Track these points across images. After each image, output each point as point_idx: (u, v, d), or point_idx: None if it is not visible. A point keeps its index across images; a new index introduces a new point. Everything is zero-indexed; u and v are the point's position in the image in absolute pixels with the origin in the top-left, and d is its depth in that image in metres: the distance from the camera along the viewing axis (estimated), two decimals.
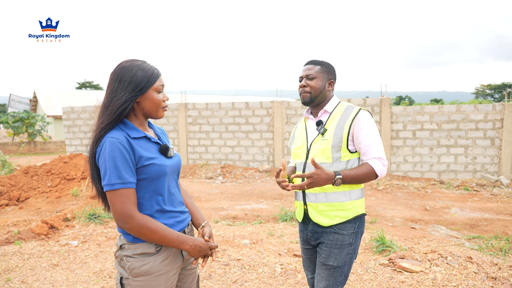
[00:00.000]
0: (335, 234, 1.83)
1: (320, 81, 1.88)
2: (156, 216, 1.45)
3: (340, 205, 1.82)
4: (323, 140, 1.83)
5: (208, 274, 3.26)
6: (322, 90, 1.88)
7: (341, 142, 1.79)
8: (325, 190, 1.82)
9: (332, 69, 1.93)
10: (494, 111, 8.23)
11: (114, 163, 1.34)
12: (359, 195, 1.87)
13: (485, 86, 40.18)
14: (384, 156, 1.80)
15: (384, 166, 1.79)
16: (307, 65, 1.94)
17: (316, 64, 1.91)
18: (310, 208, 1.88)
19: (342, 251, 1.83)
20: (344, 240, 1.83)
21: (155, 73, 1.46)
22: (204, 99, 32.15)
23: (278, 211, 5.58)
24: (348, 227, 1.84)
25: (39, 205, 6.38)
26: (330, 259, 1.83)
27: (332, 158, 1.80)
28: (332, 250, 1.83)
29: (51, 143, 19.53)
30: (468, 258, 3.36)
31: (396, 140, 8.81)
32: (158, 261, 1.43)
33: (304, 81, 1.90)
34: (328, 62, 1.93)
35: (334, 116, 1.87)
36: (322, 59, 1.96)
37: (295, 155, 1.99)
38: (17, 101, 27.67)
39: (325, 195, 1.82)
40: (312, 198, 1.86)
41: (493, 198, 6.72)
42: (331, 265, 1.83)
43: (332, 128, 1.83)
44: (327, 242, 1.84)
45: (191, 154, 10.46)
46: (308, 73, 1.89)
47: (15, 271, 3.40)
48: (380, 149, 1.80)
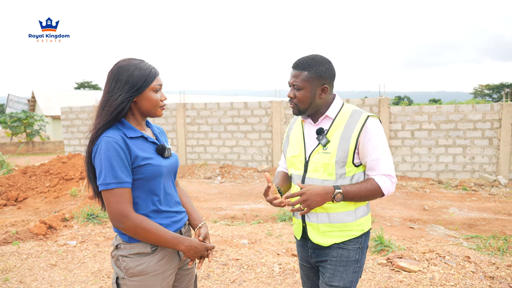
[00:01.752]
0: (339, 249, 1.63)
1: (308, 92, 1.57)
2: (152, 216, 1.45)
3: (344, 226, 1.61)
4: (325, 153, 1.58)
5: (207, 274, 3.26)
6: (312, 101, 1.59)
7: (347, 157, 1.56)
8: (327, 210, 1.60)
9: (325, 70, 1.58)
10: (492, 111, 8.24)
11: (110, 162, 1.34)
12: (365, 212, 1.66)
13: (484, 86, 40.22)
14: (393, 173, 1.57)
15: (392, 184, 1.57)
16: (293, 69, 1.61)
17: (303, 69, 1.57)
18: (309, 228, 1.67)
19: (348, 269, 1.63)
20: (349, 256, 1.63)
21: (153, 73, 1.44)
22: (203, 99, 32.11)
23: (277, 211, 5.58)
24: (354, 242, 1.64)
25: (37, 205, 6.36)
26: (335, 278, 1.62)
27: (335, 175, 1.57)
28: (336, 268, 1.63)
29: (49, 143, 19.48)
30: (466, 258, 3.37)
31: (394, 140, 8.82)
32: (154, 261, 1.43)
33: (291, 91, 1.61)
34: (319, 61, 1.58)
35: (337, 124, 1.60)
36: (312, 58, 1.59)
37: (291, 164, 1.74)
38: (15, 101, 27.60)
39: (328, 216, 1.61)
40: (312, 218, 1.64)
41: (491, 198, 6.73)
42: (337, 285, 1.62)
43: (336, 140, 1.57)
44: (331, 260, 1.64)
45: (189, 154, 10.46)
46: (294, 82, 1.59)
47: (13, 271, 3.40)
48: (389, 164, 1.57)
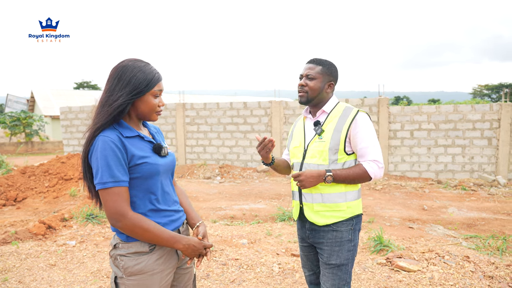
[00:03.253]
0: (333, 232, 1.84)
1: (319, 82, 1.85)
2: (149, 215, 1.45)
3: (335, 205, 1.83)
4: (320, 142, 1.83)
5: (206, 274, 3.26)
6: (320, 92, 1.86)
7: (339, 144, 1.79)
8: (320, 190, 1.82)
9: (334, 71, 1.90)
10: (491, 111, 8.25)
11: (106, 161, 1.34)
12: (355, 196, 1.87)
13: (483, 86, 40.24)
14: (380, 159, 1.78)
15: (379, 169, 1.78)
16: (309, 63, 1.89)
17: (318, 64, 1.87)
18: (305, 207, 1.89)
19: (342, 248, 1.84)
20: (343, 237, 1.83)
21: (156, 78, 1.44)
22: (202, 99, 32.11)
23: (276, 211, 5.58)
24: (346, 224, 1.85)
25: (37, 205, 6.35)
26: (332, 257, 1.84)
27: (329, 160, 1.81)
28: (332, 248, 1.84)
29: (48, 143, 19.45)
30: (465, 257, 3.37)
31: (394, 140, 8.82)
32: (152, 260, 1.42)
33: (304, 80, 1.87)
34: (331, 63, 1.88)
35: (332, 117, 1.86)
36: (326, 59, 1.92)
37: (292, 155, 1.99)
38: (14, 101, 27.56)
39: (321, 196, 1.83)
40: (308, 198, 1.87)
41: (490, 197, 6.74)
42: (334, 263, 1.84)
43: (330, 130, 1.82)
44: (326, 241, 1.85)
45: (189, 154, 10.45)
46: (308, 73, 1.86)
47: (12, 271, 3.39)
48: (377, 151, 1.79)
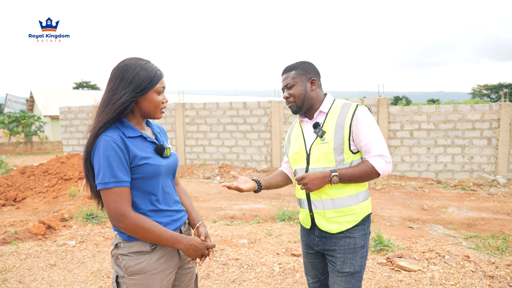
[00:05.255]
0: (346, 238, 1.76)
1: (299, 86, 1.78)
2: (150, 215, 1.45)
3: (348, 209, 1.74)
4: (323, 144, 1.74)
5: (207, 274, 3.26)
6: (305, 93, 1.79)
7: (343, 143, 1.71)
8: (330, 196, 1.74)
9: (309, 67, 1.82)
10: (490, 111, 8.26)
11: (108, 161, 1.33)
12: (365, 196, 1.80)
13: (482, 86, 40.27)
14: (386, 153, 1.70)
15: (386, 164, 1.70)
16: (283, 74, 1.84)
17: (290, 70, 1.81)
18: (317, 215, 1.80)
19: (356, 255, 1.76)
20: (356, 243, 1.76)
21: (158, 75, 1.44)
22: (202, 99, 32.11)
23: (276, 210, 5.58)
24: (358, 230, 1.77)
25: (36, 205, 6.34)
26: (346, 265, 1.76)
27: (335, 161, 1.72)
28: (346, 256, 1.76)
29: (48, 143, 19.43)
30: (465, 257, 3.38)
31: (393, 140, 8.83)
32: (153, 259, 1.43)
33: (286, 92, 1.81)
34: (302, 61, 1.83)
35: (331, 116, 1.77)
36: (296, 61, 1.85)
37: (293, 161, 1.90)
38: (13, 101, 27.52)
39: (332, 201, 1.74)
40: (318, 206, 1.78)
41: (490, 197, 6.74)
42: (348, 271, 1.76)
43: (331, 130, 1.73)
44: (339, 249, 1.77)
45: (188, 154, 10.45)
46: (286, 83, 1.81)
47: (12, 271, 3.39)
48: (382, 145, 1.71)
